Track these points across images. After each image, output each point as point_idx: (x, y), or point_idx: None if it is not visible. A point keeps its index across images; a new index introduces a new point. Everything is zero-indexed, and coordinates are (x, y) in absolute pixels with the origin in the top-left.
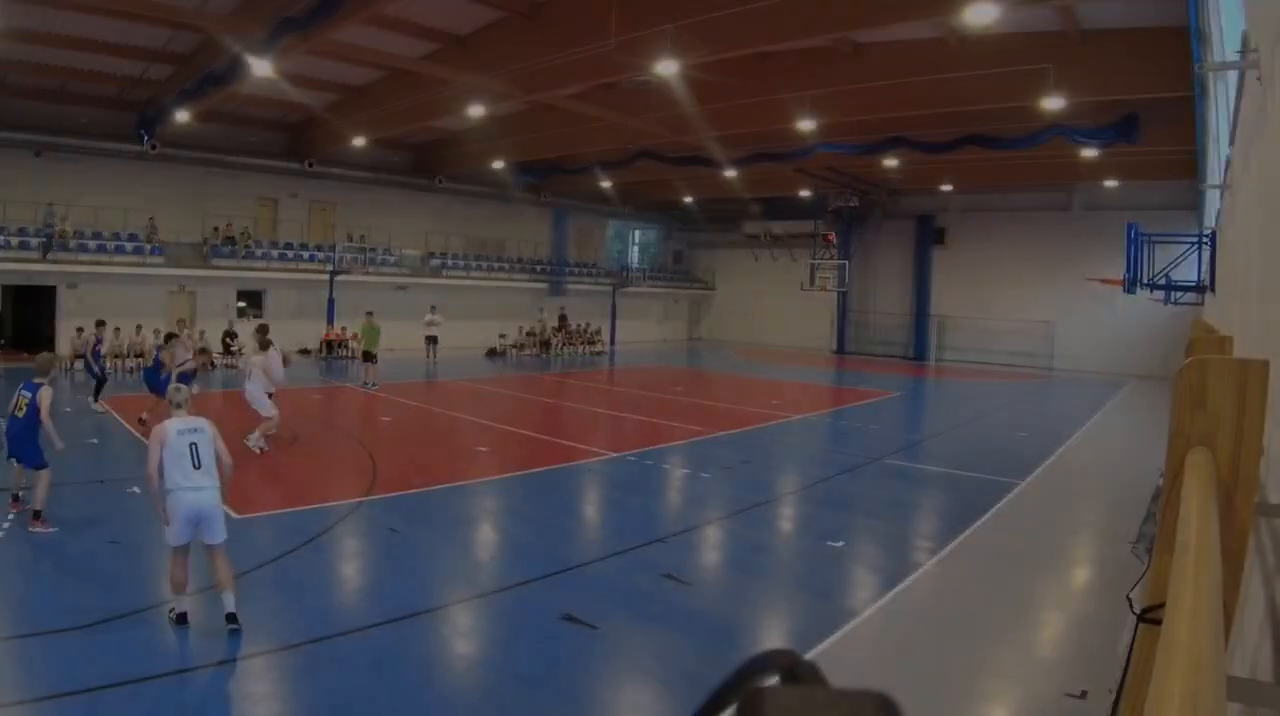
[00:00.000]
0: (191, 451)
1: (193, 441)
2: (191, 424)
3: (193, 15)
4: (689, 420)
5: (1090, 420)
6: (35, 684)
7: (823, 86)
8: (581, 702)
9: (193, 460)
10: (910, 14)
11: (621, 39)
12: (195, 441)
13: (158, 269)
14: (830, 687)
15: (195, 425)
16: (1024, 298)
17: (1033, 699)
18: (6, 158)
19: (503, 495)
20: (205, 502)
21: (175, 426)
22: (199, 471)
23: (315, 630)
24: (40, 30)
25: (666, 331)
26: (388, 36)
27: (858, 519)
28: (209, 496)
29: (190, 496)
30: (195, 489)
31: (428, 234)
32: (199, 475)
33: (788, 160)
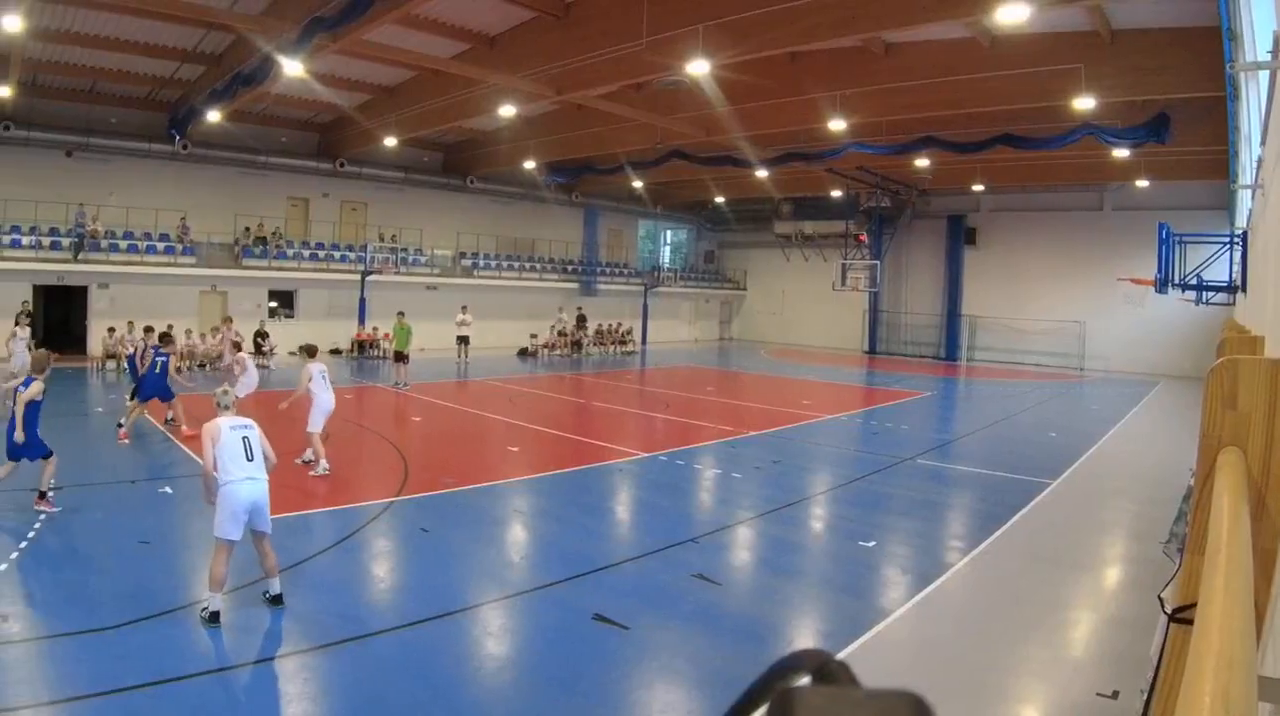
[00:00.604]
0: (245, 444)
1: (245, 436)
2: (241, 421)
3: (223, 15)
4: (720, 420)
5: (1121, 420)
6: (69, 684)
7: (854, 86)
8: (613, 703)
9: (246, 452)
10: (941, 14)
11: (652, 39)
12: (247, 436)
13: (189, 269)
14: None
15: (244, 422)
16: (1055, 298)
17: (1064, 699)
18: (37, 158)
19: (534, 495)
20: (259, 492)
21: (227, 423)
22: (252, 463)
23: (348, 630)
24: (71, 30)
25: (697, 331)
26: (418, 36)
27: (889, 518)
28: (263, 487)
29: (247, 487)
30: (251, 479)
31: (459, 234)
32: (253, 466)
33: (819, 160)
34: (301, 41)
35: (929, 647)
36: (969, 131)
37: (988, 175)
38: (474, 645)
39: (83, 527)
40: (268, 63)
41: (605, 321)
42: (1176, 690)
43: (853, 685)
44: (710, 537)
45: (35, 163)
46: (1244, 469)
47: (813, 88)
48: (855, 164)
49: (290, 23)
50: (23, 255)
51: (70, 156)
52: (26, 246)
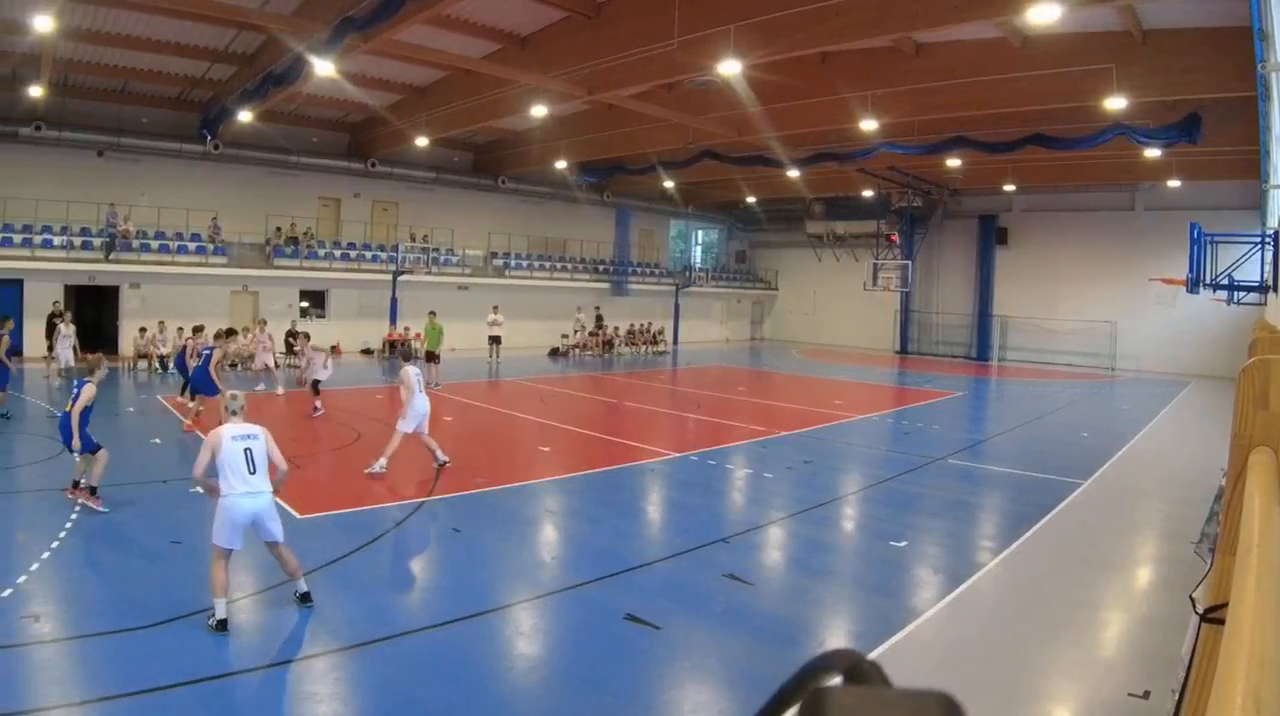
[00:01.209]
0: (247, 457)
1: (247, 447)
2: (246, 430)
3: (254, 15)
4: (751, 420)
5: (1153, 420)
6: (100, 684)
7: (885, 86)
8: (644, 703)
9: (248, 465)
10: (972, 14)
11: (684, 39)
12: (250, 447)
13: (221, 269)
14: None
15: (250, 431)
16: (1086, 298)
17: (1095, 699)
18: (69, 158)
19: (565, 495)
20: (261, 506)
21: (229, 432)
22: (255, 476)
23: (379, 630)
24: (102, 30)
25: (729, 331)
26: (450, 36)
27: (920, 518)
28: (265, 500)
29: (248, 502)
30: (253, 493)
31: (490, 234)
32: (255, 479)
33: (850, 160)
34: (333, 41)
35: (960, 647)
36: (1000, 131)
37: (1019, 175)
38: (505, 645)
39: (114, 527)
40: (299, 63)
41: (637, 321)
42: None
43: (884, 685)
44: (742, 537)
45: (67, 163)
46: (1275, 469)
47: (844, 88)
48: (887, 164)
49: (321, 23)
50: (54, 255)
51: (102, 156)
52: (58, 246)
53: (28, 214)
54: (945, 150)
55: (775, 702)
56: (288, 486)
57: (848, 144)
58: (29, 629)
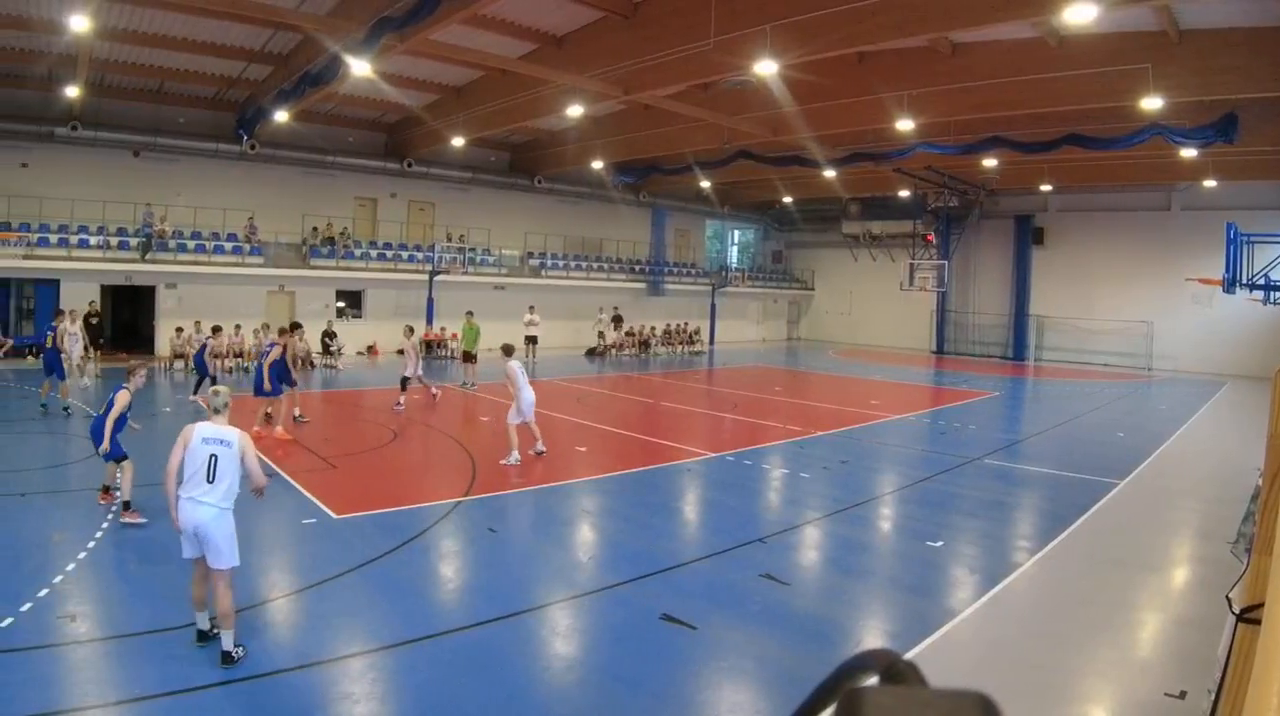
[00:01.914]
0: (210, 463)
1: (214, 452)
2: (220, 434)
3: (290, 15)
4: (788, 420)
5: (1189, 420)
6: (136, 684)
7: (921, 86)
8: (680, 702)
9: (209, 473)
10: (1009, 14)
11: (720, 39)
12: (216, 453)
13: (257, 269)
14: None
15: (224, 437)
16: (1123, 298)
17: (1131, 699)
18: (105, 158)
19: (601, 495)
20: (205, 517)
21: (202, 432)
22: (211, 486)
23: (416, 629)
24: (138, 30)
25: (765, 331)
26: (486, 36)
27: (956, 519)
28: (211, 513)
29: (188, 508)
30: (194, 501)
31: (526, 234)
32: (209, 489)
33: (886, 160)
34: (369, 41)
35: (997, 647)
36: (1036, 131)
37: (1055, 175)
38: (541, 645)
39: (149, 528)
40: (335, 63)
41: (673, 321)
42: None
43: (921, 685)
44: (778, 537)
45: (103, 162)
46: None
47: (880, 88)
48: (923, 164)
49: (357, 23)
50: (90, 255)
51: (138, 156)
52: (94, 246)
53: (64, 214)
54: (981, 150)
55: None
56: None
57: (884, 144)
58: (65, 628)
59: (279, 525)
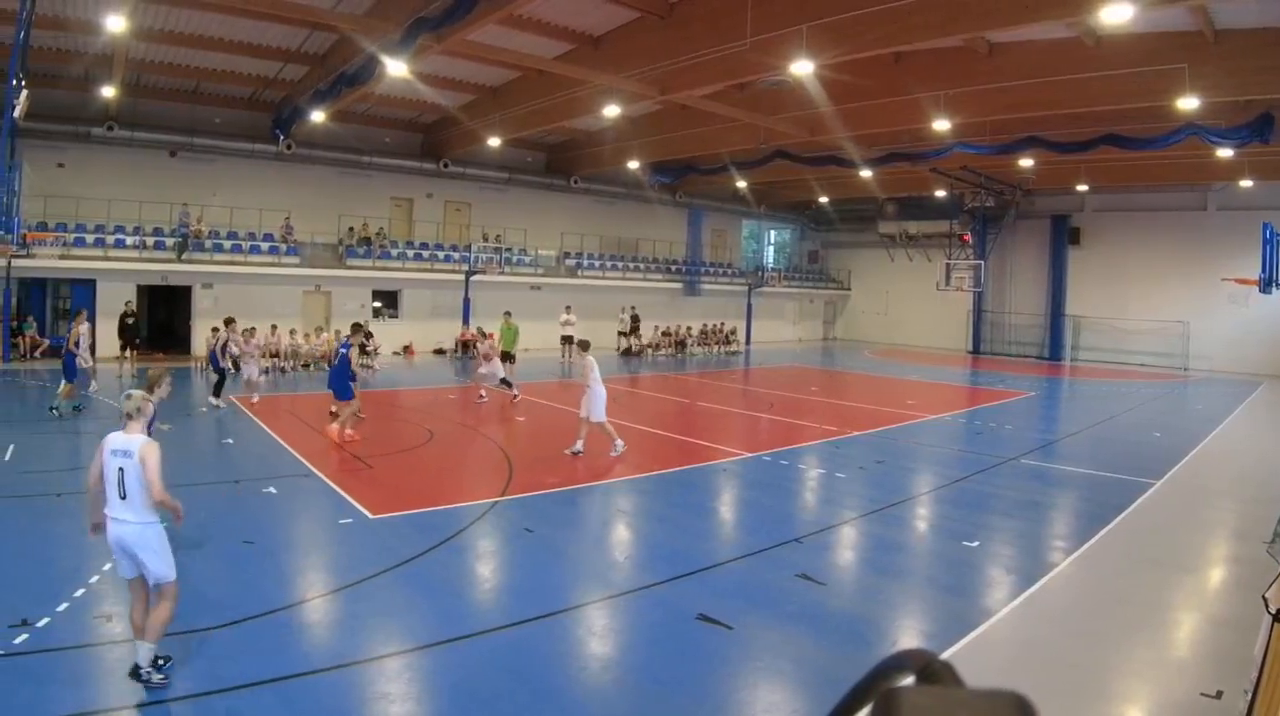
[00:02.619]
0: (119, 477)
1: (120, 465)
2: (126, 444)
3: (327, 15)
4: (824, 420)
5: (1225, 420)
6: (174, 683)
7: (957, 86)
8: (716, 702)
9: (119, 488)
10: (1045, 14)
11: (756, 39)
12: (123, 466)
13: (293, 269)
14: (966, 687)
15: (128, 447)
16: (1159, 298)
17: (1168, 698)
18: (142, 158)
19: (637, 495)
20: (127, 535)
21: (112, 443)
22: (124, 502)
23: (452, 629)
24: (174, 30)
25: (801, 331)
26: (522, 37)
27: (992, 519)
28: (131, 530)
29: (115, 527)
30: (115, 520)
31: (563, 234)
32: (123, 506)
33: (922, 160)
34: (405, 41)
35: (1032, 647)
36: (1073, 131)
37: (1091, 175)
38: (577, 645)
39: (186, 527)
40: (371, 63)
41: (709, 321)
42: None
43: (957, 685)
44: (814, 537)
45: (139, 163)
46: None
47: (916, 88)
48: (959, 164)
49: (394, 23)
50: (127, 255)
51: (174, 156)
52: (131, 246)
53: (100, 214)
54: (1018, 150)
55: (848, 702)
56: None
57: (920, 144)
58: (102, 628)
59: (316, 525)
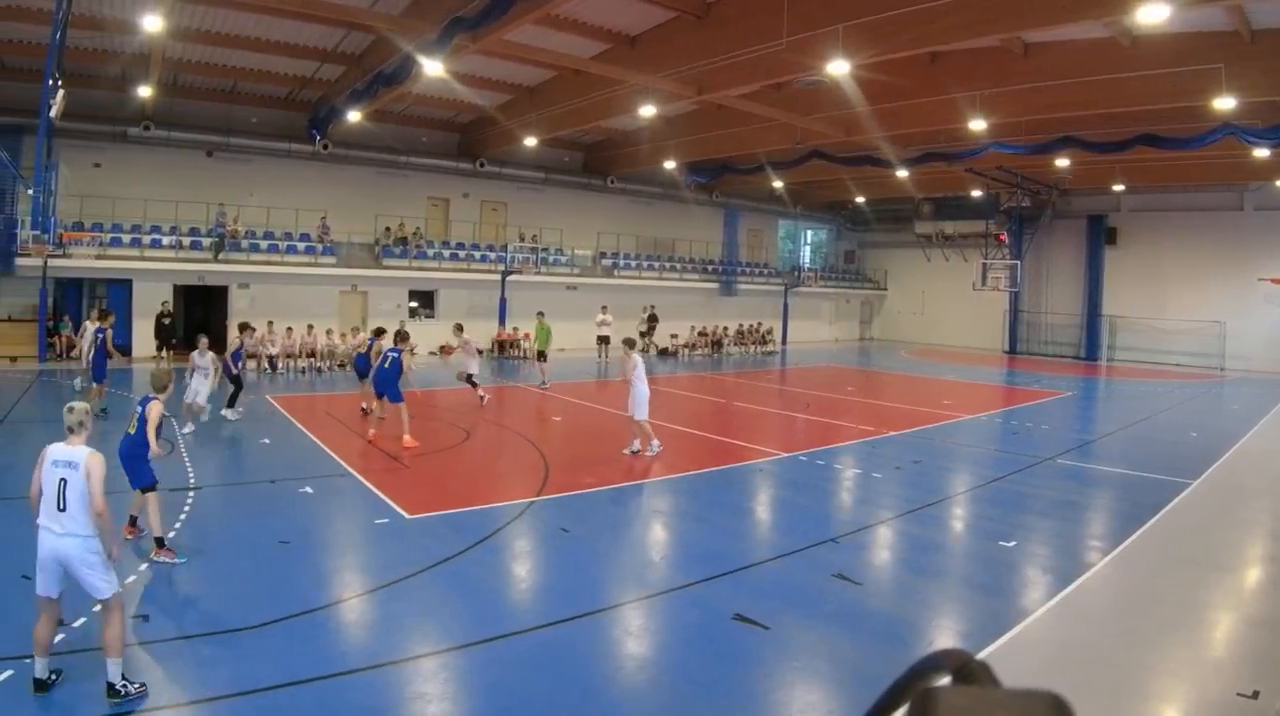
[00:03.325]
0: (60, 488)
1: (63, 476)
2: (69, 456)
3: (364, 15)
4: (860, 420)
5: (1262, 419)
6: (208, 684)
7: (993, 86)
8: (753, 703)
9: (58, 500)
10: (1081, 14)
11: (792, 39)
12: (65, 477)
13: (330, 269)
14: (1002, 687)
15: (72, 458)
16: (1196, 298)
17: (1204, 698)
18: (178, 158)
19: (673, 495)
20: (65, 548)
21: (53, 453)
22: (64, 513)
23: (488, 629)
24: (211, 30)
25: (838, 331)
26: (559, 36)
27: (1029, 518)
28: (69, 543)
29: (50, 539)
30: (51, 532)
31: (599, 234)
32: (63, 518)
33: (958, 160)
34: (442, 41)
35: (1069, 647)
36: (1109, 131)
37: (1128, 175)
38: (613, 645)
39: (222, 527)
40: (408, 63)
41: (745, 321)
42: None
43: (993, 685)
44: (850, 537)
45: (176, 162)
46: None
47: (952, 87)
48: (995, 164)
49: (430, 23)
50: (163, 255)
51: (210, 156)
52: (167, 246)
53: (136, 214)
54: (1054, 150)
55: (884, 702)
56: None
57: (956, 144)
58: (138, 628)
59: (352, 525)
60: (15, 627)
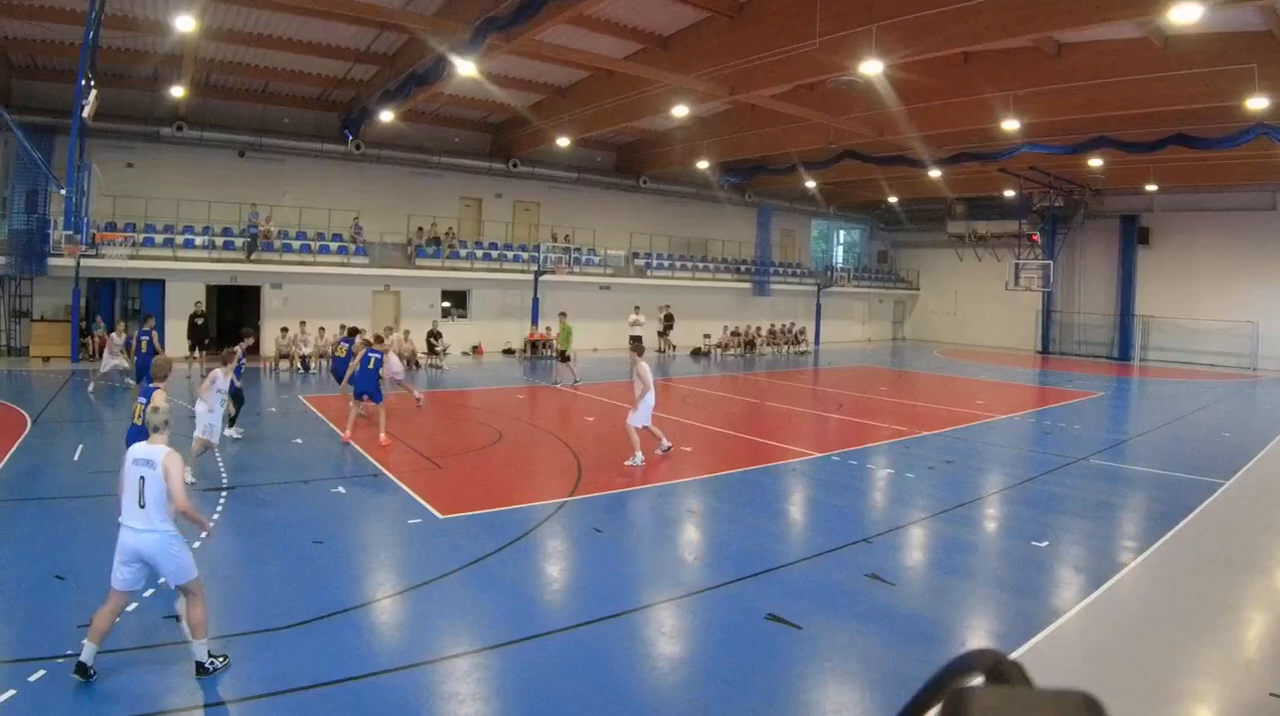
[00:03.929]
0: (140, 486)
1: (142, 474)
2: (148, 454)
3: (396, 15)
4: (893, 420)
5: None
6: (241, 684)
7: (1027, 86)
8: (786, 702)
9: (139, 497)
10: (1114, 14)
11: (825, 39)
12: (144, 475)
13: (362, 269)
14: (1035, 687)
15: (151, 457)
16: (1228, 298)
17: (1237, 698)
18: (211, 158)
19: (706, 495)
20: (146, 544)
21: (134, 453)
22: (143, 511)
23: (521, 629)
24: (243, 30)
25: (870, 331)
26: (591, 36)
27: (1061, 518)
28: (150, 539)
29: (129, 537)
30: (133, 530)
31: (632, 234)
32: (142, 514)
33: (991, 160)
34: (474, 41)
35: (1102, 648)
36: (1141, 131)
37: (1161, 175)
38: (646, 645)
39: (256, 527)
40: (441, 63)
41: (778, 321)
42: None
43: (1026, 685)
44: (883, 537)
45: (208, 163)
46: None
47: (985, 88)
48: (1027, 164)
49: (463, 23)
50: (196, 255)
51: (243, 156)
52: (200, 246)
53: (169, 214)
54: (1086, 150)
55: (917, 702)
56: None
57: (989, 144)
58: (170, 629)
59: (385, 525)
60: (47, 627)
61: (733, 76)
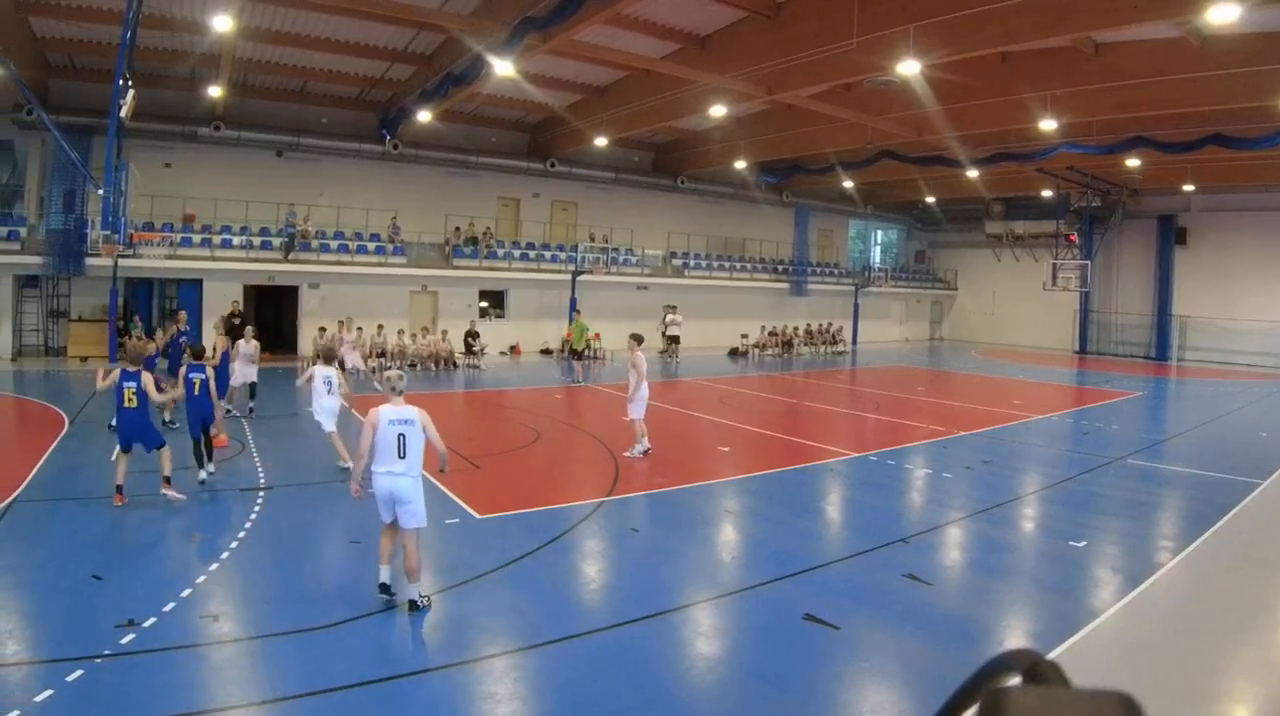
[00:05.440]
0: (399, 442)
1: (401, 432)
2: (403, 414)
3: (434, 15)
4: (930, 420)
5: None
6: (279, 684)
7: (1064, 86)
8: (823, 702)
9: (399, 449)
10: (1151, 14)
11: (863, 39)
12: (403, 432)
13: (400, 269)
14: (1072, 687)
15: (406, 416)
16: (1266, 298)
17: (1275, 699)
18: (248, 158)
19: (744, 495)
20: (401, 488)
21: (387, 415)
22: (404, 461)
23: (559, 629)
24: (281, 30)
25: (908, 331)
26: (629, 36)
27: (1099, 519)
28: (404, 483)
29: (386, 481)
30: (391, 474)
31: (669, 234)
32: (403, 463)
33: (1029, 160)
34: (512, 41)
35: (1139, 648)
36: (1179, 131)
37: (1199, 175)
38: (684, 645)
39: (293, 527)
40: (478, 63)
41: (815, 322)
42: None
43: (1063, 685)
44: (921, 537)
45: (246, 162)
46: None
47: (1022, 87)
48: (1065, 164)
49: (500, 23)
50: (234, 255)
51: (280, 156)
52: (237, 246)
53: (207, 214)
54: (1124, 150)
55: (955, 702)
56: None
57: (1026, 144)
58: (208, 628)
59: None
60: (84, 627)
61: (770, 76)
